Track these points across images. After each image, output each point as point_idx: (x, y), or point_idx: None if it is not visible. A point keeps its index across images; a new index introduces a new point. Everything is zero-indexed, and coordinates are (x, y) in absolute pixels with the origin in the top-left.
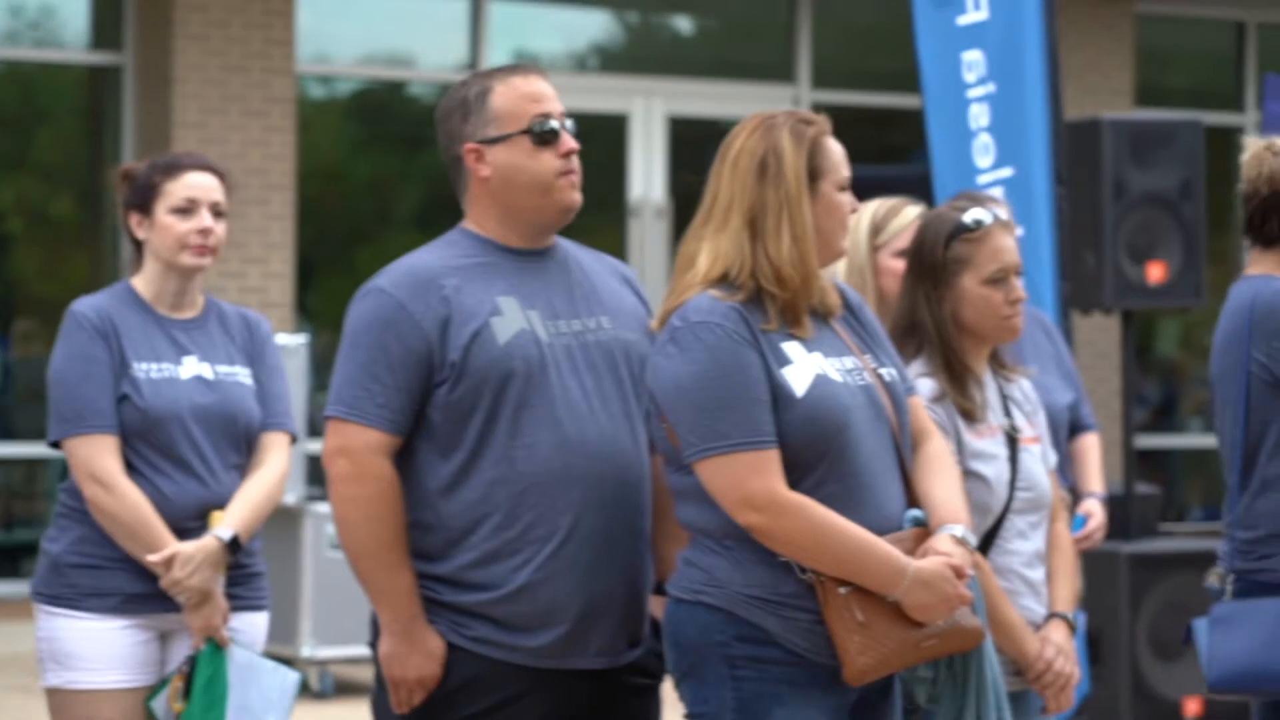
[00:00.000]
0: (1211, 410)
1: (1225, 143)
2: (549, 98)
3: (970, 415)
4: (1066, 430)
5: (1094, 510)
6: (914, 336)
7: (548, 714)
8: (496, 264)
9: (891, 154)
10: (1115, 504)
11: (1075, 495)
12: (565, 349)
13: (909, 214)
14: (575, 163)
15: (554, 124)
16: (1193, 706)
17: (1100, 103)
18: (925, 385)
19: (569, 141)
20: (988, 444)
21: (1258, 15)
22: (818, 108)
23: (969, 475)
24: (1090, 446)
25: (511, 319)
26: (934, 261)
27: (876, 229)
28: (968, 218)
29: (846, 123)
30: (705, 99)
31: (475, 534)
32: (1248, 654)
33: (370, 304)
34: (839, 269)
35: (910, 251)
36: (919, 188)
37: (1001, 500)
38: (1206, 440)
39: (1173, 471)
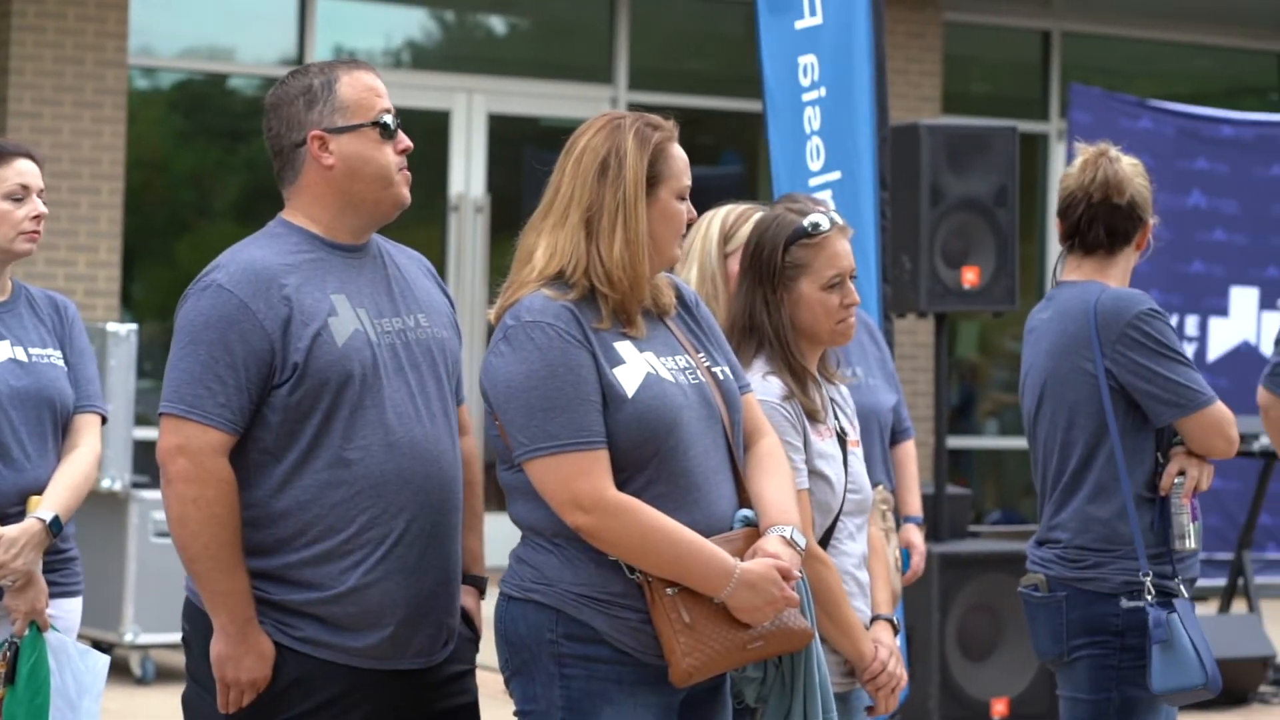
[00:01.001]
0: (1006, 412)
1: (1031, 150)
2: (386, 95)
3: (814, 416)
4: (889, 432)
5: (915, 543)
6: (753, 337)
7: (369, 714)
8: (325, 260)
9: (704, 155)
10: (926, 505)
11: (895, 509)
12: (390, 348)
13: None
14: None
15: (393, 120)
16: (1000, 707)
17: (909, 109)
18: (775, 384)
19: (405, 139)
20: (828, 444)
21: (1063, 24)
22: (634, 108)
23: (815, 475)
24: (909, 458)
25: (346, 319)
26: (773, 265)
27: (727, 236)
28: (807, 222)
29: None
30: (525, 98)
31: (307, 534)
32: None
33: (210, 301)
34: (691, 275)
35: (747, 254)
36: (732, 189)
37: (839, 501)
38: (1002, 442)
39: (970, 473)
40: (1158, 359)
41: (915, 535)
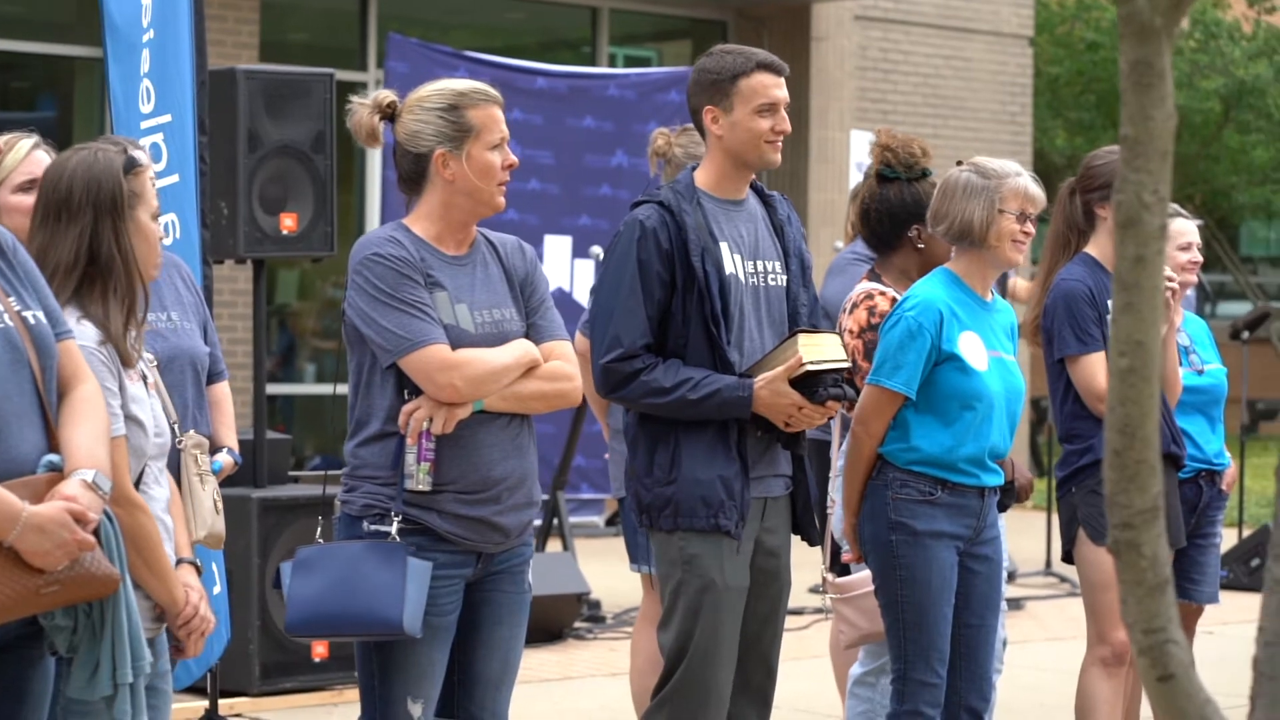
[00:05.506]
0: (325, 358)
1: (348, 98)
2: None
3: (128, 360)
4: (205, 376)
5: (227, 462)
6: (73, 275)
7: None
8: None
9: (20, 99)
10: (246, 451)
11: (212, 445)
12: None
13: (24, 147)
14: None
15: None
16: (320, 649)
17: (226, 55)
18: (89, 329)
19: None
20: (138, 388)
21: None
22: None
23: (130, 420)
24: (224, 395)
25: None
26: (114, 197)
27: None
28: (133, 154)
29: None
30: None
31: None
32: (318, 597)
33: None
34: None
35: (86, 190)
36: (48, 133)
37: (150, 445)
38: (321, 388)
39: (290, 419)
40: (374, 304)
41: (228, 459)
